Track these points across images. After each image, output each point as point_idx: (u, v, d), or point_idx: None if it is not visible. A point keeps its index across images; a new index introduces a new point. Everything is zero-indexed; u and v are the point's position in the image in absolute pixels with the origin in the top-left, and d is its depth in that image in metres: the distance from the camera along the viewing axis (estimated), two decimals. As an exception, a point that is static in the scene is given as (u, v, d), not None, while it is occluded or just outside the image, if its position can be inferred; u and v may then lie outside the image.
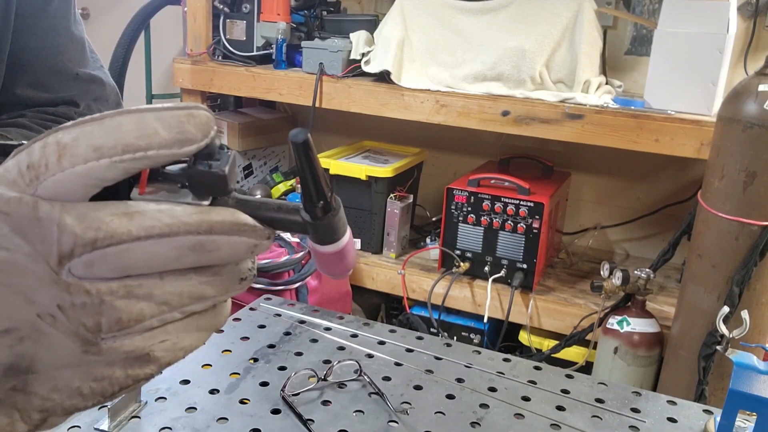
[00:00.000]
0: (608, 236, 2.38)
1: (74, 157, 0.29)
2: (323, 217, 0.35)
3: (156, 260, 0.31)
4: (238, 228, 0.32)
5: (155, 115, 0.30)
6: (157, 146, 0.29)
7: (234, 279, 0.34)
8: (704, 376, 1.48)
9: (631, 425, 0.77)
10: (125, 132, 0.29)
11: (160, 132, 0.29)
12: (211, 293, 0.33)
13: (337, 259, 0.37)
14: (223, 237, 0.32)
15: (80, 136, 0.29)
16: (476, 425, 0.75)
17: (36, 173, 0.29)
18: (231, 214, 0.32)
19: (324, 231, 0.36)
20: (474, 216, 1.97)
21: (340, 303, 2.03)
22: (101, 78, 0.87)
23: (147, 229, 0.30)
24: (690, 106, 1.79)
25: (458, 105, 1.96)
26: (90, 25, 3.33)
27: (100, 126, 0.29)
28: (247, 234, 0.33)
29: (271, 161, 2.73)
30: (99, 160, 0.29)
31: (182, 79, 2.37)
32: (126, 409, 0.72)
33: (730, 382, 0.69)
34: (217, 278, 0.33)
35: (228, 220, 0.32)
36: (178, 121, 0.30)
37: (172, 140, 0.30)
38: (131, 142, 0.29)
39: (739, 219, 1.42)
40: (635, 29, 2.22)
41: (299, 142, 0.32)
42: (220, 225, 0.32)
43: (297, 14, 2.32)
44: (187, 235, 0.31)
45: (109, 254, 0.29)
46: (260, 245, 0.34)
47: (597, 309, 1.81)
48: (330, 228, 0.36)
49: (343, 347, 0.91)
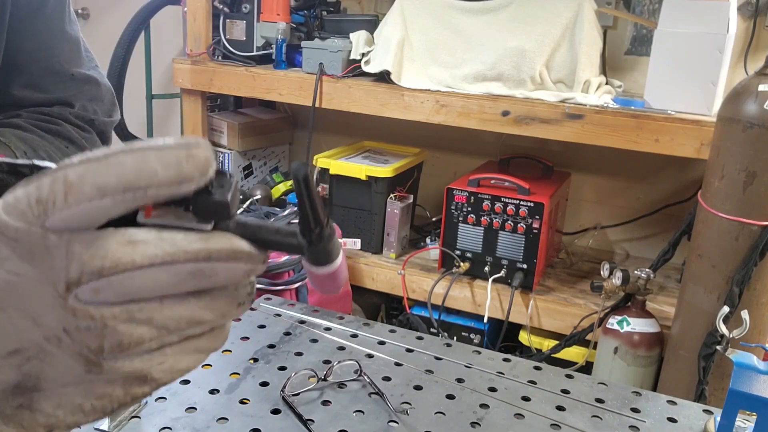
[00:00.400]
0: (608, 236, 2.38)
1: (80, 195, 0.30)
2: (319, 242, 0.37)
3: (157, 286, 0.32)
4: (235, 255, 0.34)
5: (156, 155, 0.31)
6: (156, 186, 0.31)
7: (232, 304, 0.36)
8: (704, 376, 1.48)
9: (631, 425, 0.77)
10: (127, 171, 0.30)
11: (160, 172, 0.31)
12: (209, 317, 0.35)
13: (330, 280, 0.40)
14: (221, 264, 0.33)
15: (86, 175, 0.30)
16: (476, 425, 0.75)
17: (44, 208, 0.30)
18: (228, 240, 0.34)
19: (319, 254, 0.38)
20: (474, 216, 1.97)
21: (340, 303, 2.03)
22: (96, 78, 0.87)
23: (150, 258, 0.31)
24: (690, 106, 1.79)
25: (458, 105, 1.96)
26: (90, 25, 3.33)
27: (104, 165, 0.30)
28: (243, 260, 0.34)
29: (271, 161, 2.73)
30: (102, 199, 0.30)
31: (182, 79, 2.37)
32: (126, 409, 0.72)
33: (730, 382, 0.69)
34: (215, 302, 0.35)
35: (226, 247, 0.33)
36: (177, 162, 0.31)
37: (171, 180, 0.31)
38: (132, 181, 0.30)
39: (739, 219, 1.42)
40: (635, 29, 2.22)
41: (300, 176, 0.35)
42: (218, 252, 0.33)
43: (297, 14, 2.32)
44: (187, 263, 0.32)
45: (114, 281, 0.31)
46: (256, 269, 0.35)
47: (597, 309, 1.81)
48: (325, 252, 0.38)
49: (343, 347, 0.91)
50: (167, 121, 3.15)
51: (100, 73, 0.88)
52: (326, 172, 2.16)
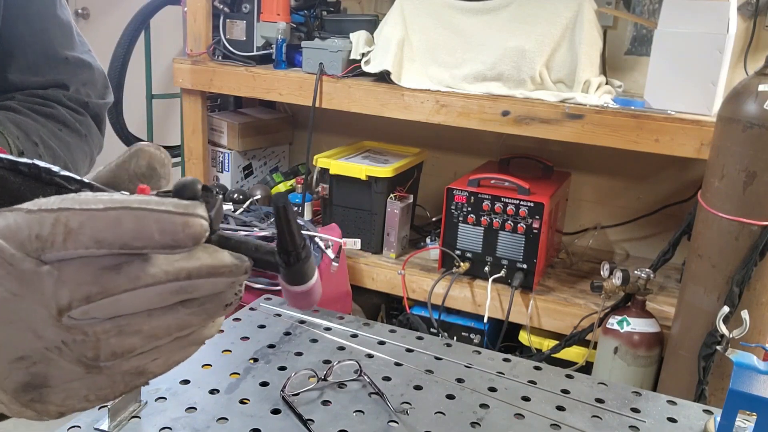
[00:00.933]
0: (608, 236, 2.38)
1: (77, 243, 0.32)
2: (295, 264, 0.40)
3: (143, 304, 0.35)
4: (216, 270, 0.35)
5: (155, 218, 0.33)
6: (150, 248, 0.33)
7: (219, 306, 0.37)
8: (704, 376, 1.48)
9: (631, 425, 0.77)
10: (125, 230, 0.32)
11: (156, 237, 0.33)
12: (197, 321, 0.37)
13: (304, 297, 0.42)
14: (202, 280, 0.35)
15: (86, 225, 0.32)
16: (476, 425, 0.75)
17: (42, 245, 0.33)
18: (210, 256, 0.35)
19: (294, 275, 0.40)
20: (474, 216, 1.97)
21: (340, 303, 2.03)
22: (90, 62, 0.88)
23: (133, 281, 0.33)
24: (690, 106, 1.79)
25: (458, 105, 1.96)
26: (90, 25, 3.33)
27: (104, 219, 0.32)
28: (224, 274, 0.36)
29: (271, 161, 2.73)
30: (98, 250, 0.33)
31: (182, 79, 2.37)
32: (126, 409, 0.72)
33: (730, 382, 0.69)
34: (202, 308, 0.37)
35: (206, 264, 0.35)
36: (174, 229, 0.33)
37: (165, 245, 0.33)
38: (128, 242, 0.33)
39: (739, 219, 1.42)
40: (635, 29, 2.22)
41: (280, 206, 0.38)
42: (198, 270, 0.35)
43: (297, 14, 2.32)
44: (168, 283, 0.34)
45: (101, 304, 0.34)
46: (238, 281, 0.37)
47: (597, 309, 1.81)
48: (300, 273, 0.40)
49: (343, 347, 0.91)
50: (167, 121, 3.15)
51: (94, 57, 0.89)
52: (326, 172, 2.16)
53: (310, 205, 2.34)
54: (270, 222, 2.00)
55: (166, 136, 3.07)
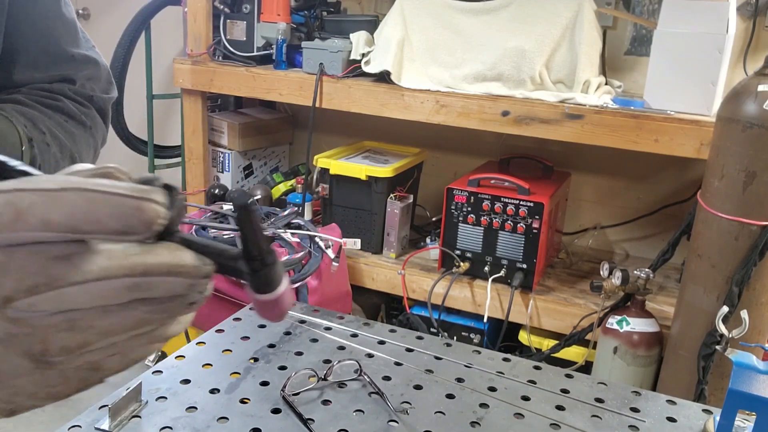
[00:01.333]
0: (608, 236, 2.38)
1: (26, 225, 0.30)
2: (260, 270, 0.37)
3: (95, 299, 0.32)
4: (175, 269, 0.33)
5: (106, 202, 0.31)
6: (101, 233, 0.31)
7: (181, 305, 0.35)
8: (704, 376, 1.48)
9: (630, 425, 0.78)
10: (75, 212, 0.30)
11: (105, 221, 0.31)
12: (157, 319, 0.35)
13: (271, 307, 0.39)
14: (159, 278, 0.33)
15: (35, 206, 0.30)
16: (476, 425, 0.75)
17: None
18: (170, 253, 0.33)
19: (260, 282, 0.38)
20: (474, 216, 1.97)
21: (340, 303, 2.03)
22: (95, 58, 0.88)
23: (83, 274, 0.31)
24: (690, 106, 1.79)
25: (458, 105, 1.97)
26: (90, 25, 3.33)
27: (54, 200, 0.30)
28: (183, 275, 0.34)
29: (271, 161, 2.74)
30: (46, 232, 0.31)
31: (182, 80, 2.37)
32: (126, 409, 0.72)
33: (729, 381, 0.69)
34: (162, 306, 0.34)
35: (165, 261, 0.33)
36: (125, 214, 0.31)
37: (116, 231, 0.31)
38: (78, 225, 0.31)
39: (738, 219, 1.42)
40: (635, 29, 2.22)
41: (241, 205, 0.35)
42: (157, 267, 0.33)
43: (297, 14, 2.32)
44: (123, 278, 0.32)
45: (49, 296, 0.31)
46: (198, 284, 0.35)
47: (597, 309, 1.81)
48: (266, 280, 0.38)
49: (343, 347, 0.91)
50: (167, 121, 3.15)
51: (98, 53, 0.89)
52: (326, 172, 2.16)
53: (310, 205, 2.34)
54: (271, 221, 2.00)
55: (167, 136, 3.07)
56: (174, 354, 0.84)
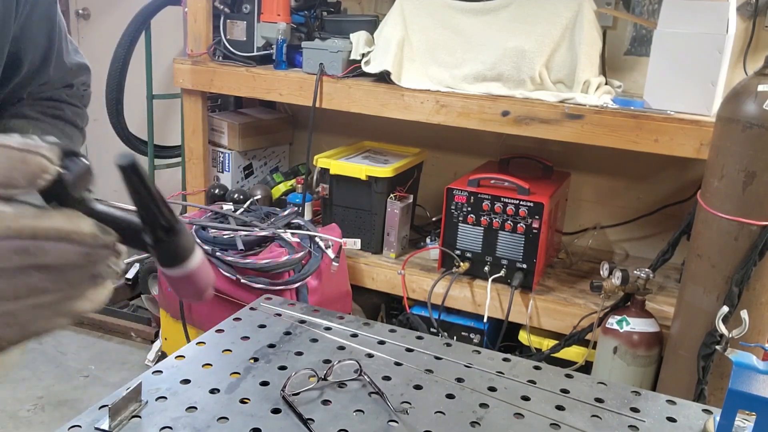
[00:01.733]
0: (608, 236, 2.38)
1: None
2: (164, 240, 0.34)
3: None
4: (68, 235, 0.33)
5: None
6: None
7: (83, 276, 0.34)
8: (704, 376, 1.48)
9: (630, 425, 0.78)
10: None
11: None
12: (55, 289, 0.34)
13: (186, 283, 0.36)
14: (51, 243, 0.32)
15: None
16: (476, 425, 0.76)
17: None
18: (66, 219, 0.33)
19: (166, 253, 0.35)
20: (474, 216, 1.97)
21: (340, 303, 2.03)
22: (86, 64, 0.94)
23: None
24: (689, 107, 1.79)
25: (458, 105, 1.97)
26: (90, 25, 3.33)
27: None
28: (77, 242, 0.33)
29: (271, 161, 2.74)
30: None
31: (183, 80, 2.37)
32: (126, 409, 0.72)
33: (729, 381, 0.69)
34: (61, 275, 0.33)
35: (57, 226, 0.32)
36: (8, 165, 0.31)
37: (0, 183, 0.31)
38: None
39: (738, 219, 1.42)
40: (635, 29, 2.22)
41: (127, 165, 0.32)
42: (47, 231, 0.32)
43: (297, 15, 2.32)
44: (9, 240, 0.31)
45: None
46: (93, 254, 0.34)
47: (596, 309, 1.81)
48: (172, 251, 0.35)
49: (343, 347, 0.91)
50: (168, 121, 3.15)
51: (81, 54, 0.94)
52: (326, 172, 2.16)
53: (310, 205, 2.34)
54: (270, 222, 2.00)
55: (167, 136, 3.07)
56: (174, 354, 0.84)
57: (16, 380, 2.23)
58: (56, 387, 2.23)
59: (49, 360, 2.37)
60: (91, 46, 3.21)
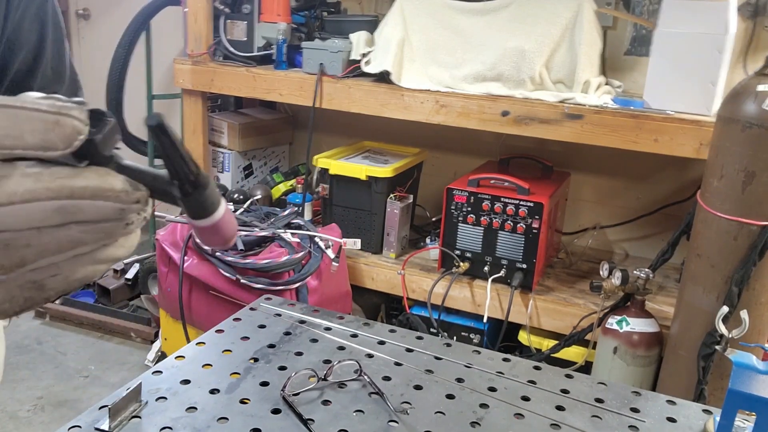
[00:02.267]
0: (607, 236, 2.38)
1: None
2: (192, 194, 0.37)
3: (24, 221, 0.34)
4: (102, 193, 0.35)
5: (27, 116, 0.32)
6: (21, 148, 0.32)
7: (118, 225, 0.36)
8: (703, 376, 1.48)
9: (630, 425, 0.78)
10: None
11: (26, 137, 0.32)
12: (93, 239, 0.36)
13: (211, 233, 0.39)
14: (86, 201, 0.34)
15: None
16: (476, 425, 0.75)
17: None
18: (98, 177, 0.35)
19: (194, 206, 0.38)
20: (474, 216, 1.97)
21: (340, 303, 2.03)
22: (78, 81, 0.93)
23: (9, 196, 0.33)
24: (689, 106, 1.79)
25: (458, 105, 1.97)
26: (90, 25, 3.33)
27: None
28: (111, 199, 0.35)
29: (271, 161, 2.74)
30: None
31: (183, 80, 2.37)
32: (126, 409, 0.72)
33: (729, 381, 0.69)
34: (98, 226, 0.36)
35: (92, 185, 0.34)
36: (44, 128, 0.32)
37: (36, 146, 0.32)
38: None
39: (738, 219, 1.42)
40: (635, 29, 2.22)
41: (154, 125, 0.35)
42: (82, 190, 0.34)
43: (297, 15, 2.32)
44: (49, 201, 0.33)
45: None
46: (127, 209, 0.36)
47: (596, 309, 1.81)
48: (200, 203, 0.38)
49: (343, 347, 0.91)
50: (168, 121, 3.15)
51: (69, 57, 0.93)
52: (326, 172, 2.16)
53: (310, 205, 2.34)
54: (270, 222, 2.00)
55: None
56: (174, 354, 0.84)
57: (16, 380, 2.24)
58: (56, 387, 2.23)
59: (48, 360, 2.38)
60: (91, 46, 3.21)
